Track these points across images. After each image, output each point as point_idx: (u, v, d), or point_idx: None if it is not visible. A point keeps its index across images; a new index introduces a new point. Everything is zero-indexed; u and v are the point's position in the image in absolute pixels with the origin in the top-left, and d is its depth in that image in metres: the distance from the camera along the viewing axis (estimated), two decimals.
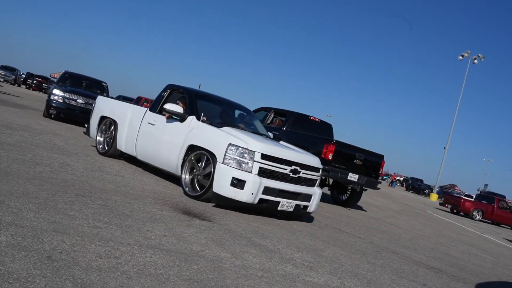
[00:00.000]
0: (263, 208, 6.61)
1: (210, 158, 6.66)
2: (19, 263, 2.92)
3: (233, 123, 8.16)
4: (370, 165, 11.79)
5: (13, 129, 9.40)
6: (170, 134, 7.61)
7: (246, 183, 6.23)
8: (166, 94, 8.42)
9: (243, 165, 6.34)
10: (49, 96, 14.74)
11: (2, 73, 40.27)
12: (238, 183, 6.24)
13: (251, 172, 6.33)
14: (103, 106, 9.61)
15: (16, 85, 48.49)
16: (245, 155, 6.37)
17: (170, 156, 7.35)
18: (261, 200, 6.37)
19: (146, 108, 8.53)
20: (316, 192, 7.15)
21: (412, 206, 23.94)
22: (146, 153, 8.02)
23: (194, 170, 6.97)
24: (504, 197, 54.77)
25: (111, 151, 8.91)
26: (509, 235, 20.70)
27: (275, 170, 6.59)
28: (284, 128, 12.02)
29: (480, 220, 26.74)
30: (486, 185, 70.16)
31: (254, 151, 6.39)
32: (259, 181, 6.29)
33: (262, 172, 6.44)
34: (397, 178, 72.64)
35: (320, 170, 7.34)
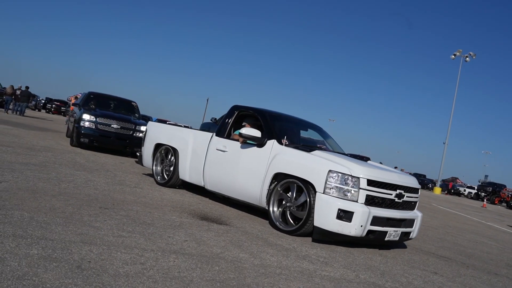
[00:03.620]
0: (369, 240, 5.60)
1: (303, 187, 5.63)
2: (51, 274, 2.93)
3: (315, 145, 7.15)
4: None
5: (36, 150, 9.47)
6: (248, 162, 6.47)
7: (354, 214, 5.24)
8: (233, 116, 7.27)
9: (348, 194, 5.34)
10: (77, 123, 11.99)
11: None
12: (344, 215, 5.25)
13: (357, 201, 5.35)
14: (158, 132, 8.44)
15: (37, 110, 49.02)
16: (349, 182, 5.36)
17: (251, 186, 6.28)
18: (368, 231, 5.40)
19: (211, 133, 7.35)
20: (418, 216, 6.14)
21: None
22: (219, 183, 6.86)
23: (283, 202, 5.95)
24: (505, 186, 54.28)
25: (173, 181, 7.80)
26: None
27: (382, 196, 5.60)
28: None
29: None
30: (486, 176, 69.57)
31: (359, 177, 5.38)
32: (368, 211, 5.30)
33: (369, 200, 5.45)
34: None
35: (419, 190, 6.36)
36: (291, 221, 5.79)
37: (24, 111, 27.71)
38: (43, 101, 54.09)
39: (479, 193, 52.96)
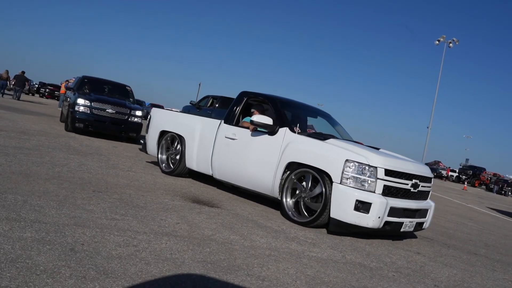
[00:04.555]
0: (385, 231, 5.38)
1: (318, 177, 5.35)
2: (45, 256, 2.89)
3: (329, 133, 6.66)
4: None
5: (30, 135, 9.34)
6: (259, 150, 6.11)
7: (372, 205, 4.99)
8: (242, 103, 6.91)
9: (365, 184, 5.09)
10: (72, 107, 11.59)
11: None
12: (362, 207, 5.01)
13: (374, 192, 5.10)
14: (163, 119, 8.01)
15: (30, 94, 48.27)
16: (367, 172, 5.10)
17: (263, 176, 5.96)
18: (385, 223, 5.16)
19: (219, 120, 6.91)
20: (431, 205, 5.92)
21: None
22: (228, 172, 6.53)
23: (297, 192, 5.67)
24: (484, 169, 54.99)
25: (179, 170, 7.40)
26: (491, 204, 20.75)
27: (398, 186, 5.34)
28: (214, 108, 15.26)
29: None
30: (467, 159, 70.16)
31: (376, 167, 5.11)
32: (386, 202, 5.06)
33: (386, 190, 5.19)
34: None
35: (432, 179, 6.09)
36: (304, 213, 5.53)
37: (19, 96, 27.29)
38: (36, 86, 53.25)
39: (460, 176, 53.63)
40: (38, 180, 5.08)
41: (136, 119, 12.13)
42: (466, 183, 45.20)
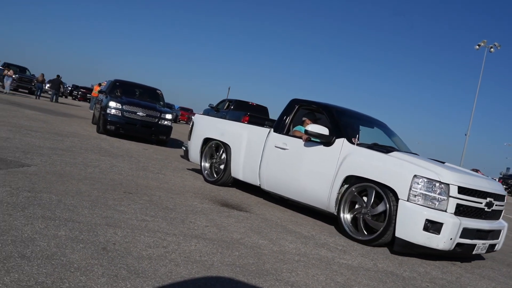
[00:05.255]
0: (455, 254, 5.02)
1: (382, 193, 5.04)
2: (78, 254, 3.00)
3: (393, 146, 6.30)
4: None
5: (63, 136, 9.66)
6: (313, 162, 5.84)
7: (443, 226, 4.68)
8: (293, 111, 6.63)
9: (436, 202, 4.77)
10: (104, 110, 11.96)
11: (49, 86, 41.37)
12: (432, 227, 4.71)
13: (446, 211, 4.78)
14: (206, 126, 7.80)
15: (63, 96, 49.82)
16: (437, 189, 4.78)
17: (317, 189, 5.68)
18: (456, 244, 4.83)
19: (268, 129, 6.68)
20: (504, 226, 5.53)
21: None
22: (278, 184, 6.26)
23: (356, 207, 5.38)
24: None
25: (224, 179, 7.15)
26: None
27: (472, 205, 4.99)
28: (229, 110, 17.16)
29: None
30: (508, 168, 67.96)
31: (448, 184, 4.79)
32: (459, 222, 4.74)
33: (458, 210, 4.87)
34: None
35: (505, 197, 5.62)
36: (363, 230, 5.23)
37: (56, 98, 28.55)
38: (69, 88, 54.89)
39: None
40: (71, 180, 5.26)
41: (166, 122, 12.40)
42: (507, 192, 43.80)
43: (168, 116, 12.50)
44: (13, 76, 27.09)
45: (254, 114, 14.85)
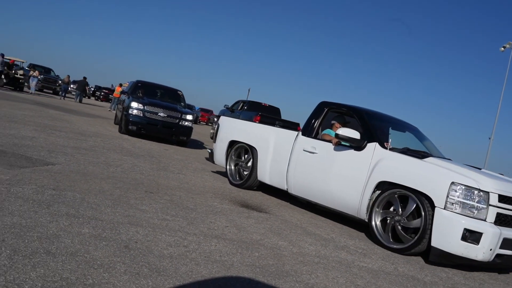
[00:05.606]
0: (494, 265, 4.84)
1: (417, 200, 4.88)
2: (101, 251, 3.06)
3: (426, 151, 6.07)
4: None
5: (86, 136, 9.84)
6: (343, 167, 5.69)
7: (483, 235, 4.49)
8: (322, 114, 6.49)
9: (474, 211, 4.58)
10: (126, 110, 12.15)
11: (74, 87, 42.26)
12: (470, 236, 4.52)
13: (485, 220, 4.59)
14: (232, 128, 7.69)
15: (87, 97, 50.73)
16: (476, 197, 4.59)
17: (347, 195, 5.53)
18: (496, 255, 4.65)
19: (296, 132, 6.56)
20: None
21: None
22: (306, 188, 6.12)
23: (388, 214, 5.20)
24: None
25: (250, 183, 7.04)
26: None
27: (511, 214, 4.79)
28: (243, 110, 18.11)
29: None
30: None
31: (488, 192, 4.60)
32: (499, 232, 4.55)
33: (499, 219, 4.68)
34: None
35: None
36: (405, 235, 5.01)
37: (81, 99, 29.37)
38: (92, 89, 55.85)
39: None
40: (94, 179, 5.35)
41: (186, 123, 12.49)
42: None
43: (189, 117, 12.58)
44: (39, 77, 27.73)
45: (265, 114, 15.59)
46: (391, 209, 5.20)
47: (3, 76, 23.99)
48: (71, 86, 37.47)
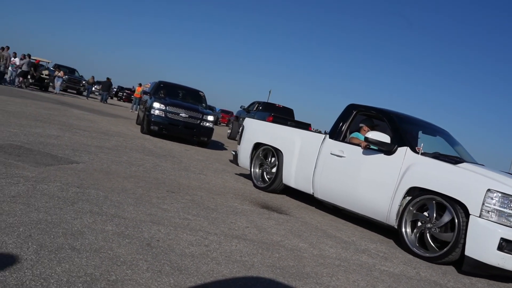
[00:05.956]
0: None
1: (450, 207, 4.71)
2: (124, 249, 3.11)
3: (458, 156, 5.85)
4: None
5: (109, 135, 9.99)
6: (372, 171, 5.56)
7: None
8: (350, 117, 6.33)
9: None
10: (148, 111, 12.27)
11: (98, 88, 43.00)
12: (507, 246, 4.34)
13: None
14: (257, 130, 7.60)
15: (110, 97, 51.55)
16: None
17: (376, 200, 5.40)
18: None
19: (323, 135, 6.44)
20: None
21: None
22: (332, 193, 6.00)
23: (419, 221, 5.05)
24: None
25: (274, 186, 6.94)
26: None
27: None
28: (257, 110, 19.29)
29: None
30: None
31: None
32: None
33: None
34: None
35: None
36: (432, 245, 4.88)
37: (106, 99, 30.18)
38: (115, 90, 56.71)
39: None
40: (117, 178, 5.43)
41: (207, 124, 12.53)
42: None
43: (210, 118, 12.62)
44: (63, 77, 28.30)
45: (278, 115, 16.79)
46: (426, 216, 5.01)
47: (29, 76, 24.54)
48: (95, 86, 38.27)
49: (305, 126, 16.72)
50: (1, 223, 3.07)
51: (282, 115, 17.54)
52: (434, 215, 4.88)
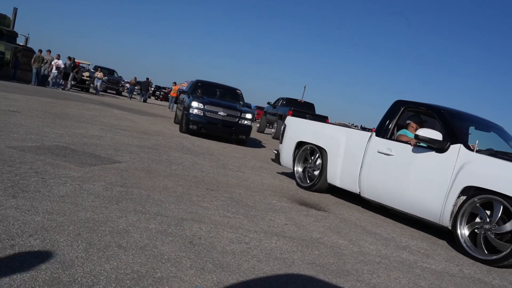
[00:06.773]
0: None
1: (511, 208, 4.47)
2: (168, 246, 3.20)
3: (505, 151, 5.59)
4: None
5: (149, 134, 10.24)
6: (423, 170, 5.34)
7: None
8: (397, 114, 6.13)
9: None
10: (187, 110, 12.29)
11: (137, 88, 44.04)
12: None
13: None
14: (300, 129, 7.49)
15: (148, 97, 52.69)
16: None
17: (428, 200, 5.18)
18: None
19: (369, 133, 6.27)
20: None
21: None
22: (380, 192, 5.82)
23: (476, 221, 4.82)
24: None
25: (319, 185, 6.81)
26: None
27: None
28: (281, 106, 21.12)
29: None
30: None
31: None
32: None
33: None
34: None
35: None
36: (501, 242, 4.57)
37: (145, 99, 31.26)
38: (152, 89, 57.87)
39: None
40: (158, 177, 5.58)
41: (246, 122, 12.54)
42: None
43: (248, 116, 12.62)
44: (103, 78, 29.15)
45: (298, 109, 18.23)
46: (483, 216, 4.77)
47: (70, 78, 25.39)
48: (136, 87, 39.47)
49: (323, 119, 17.72)
50: (53, 222, 3.22)
51: (303, 110, 18.81)
52: (497, 218, 4.59)
